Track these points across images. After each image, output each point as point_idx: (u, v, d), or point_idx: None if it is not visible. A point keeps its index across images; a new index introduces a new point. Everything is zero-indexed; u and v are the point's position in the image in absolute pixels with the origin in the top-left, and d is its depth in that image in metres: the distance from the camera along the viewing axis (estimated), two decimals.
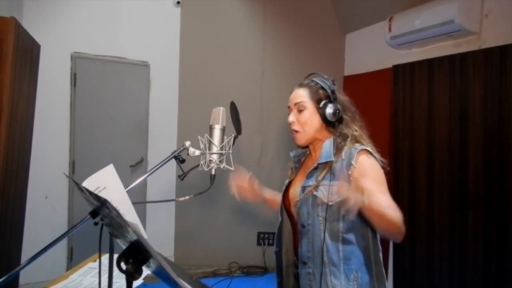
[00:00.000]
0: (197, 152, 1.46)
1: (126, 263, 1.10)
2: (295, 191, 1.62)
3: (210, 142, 1.47)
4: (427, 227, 3.40)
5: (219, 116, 1.50)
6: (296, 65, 4.66)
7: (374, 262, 1.50)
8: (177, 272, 1.15)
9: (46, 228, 3.59)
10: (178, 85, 4.30)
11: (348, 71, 4.77)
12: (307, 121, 1.55)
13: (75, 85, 3.80)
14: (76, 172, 3.78)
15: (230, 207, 4.43)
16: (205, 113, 1.54)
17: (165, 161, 1.44)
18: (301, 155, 1.73)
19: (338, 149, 1.50)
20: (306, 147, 1.67)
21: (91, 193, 1.10)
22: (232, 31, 4.47)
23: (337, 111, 1.52)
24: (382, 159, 1.51)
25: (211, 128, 1.50)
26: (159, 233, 4.13)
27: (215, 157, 1.47)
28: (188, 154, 1.47)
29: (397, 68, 3.77)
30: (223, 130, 1.51)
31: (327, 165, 1.49)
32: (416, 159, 3.52)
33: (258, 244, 4.48)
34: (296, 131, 1.58)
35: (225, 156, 1.49)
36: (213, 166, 1.47)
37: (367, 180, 1.35)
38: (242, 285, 3.96)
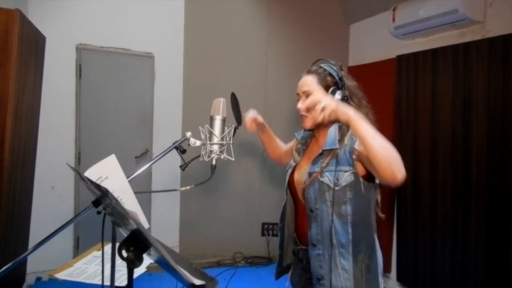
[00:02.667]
0: (198, 143, 1.48)
1: (127, 251, 1.14)
2: (301, 174, 1.65)
3: (210, 133, 1.49)
4: (430, 218, 3.41)
5: (220, 107, 1.52)
6: (300, 56, 4.64)
7: (377, 239, 1.59)
8: (176, 259, 1.18)
9: (52, 218, 3.64)
10: (182, 77, 4.32)
11: (352, 62, 4.75)
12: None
13: (80, 77, 3.83)
14: (82, 163, 3.82)
15: (234, 198, 4.47)
16: (210, 104, 1.56)
17: (166, 151, 1.46)
18: (307, 137, 1.76)
19: (342, 135, 1.53)
20: (312, 130, 1.70)
21: (92, 182, 1.13)
22: (236, 22, 4.46)
23: (345, 97, 1.54)
24: None
25: (211, 119, 1.52)
26: (164, 223, 4.18)
27: (215, 147, 1.49)
28: (189, 145, 1.49)
29: (401, 58, 3.76)
30: (223, 121, 1.53)
31: (332, 152, 1.52)
32: (419, 149, 3.52)
33: (263, 234, 4.52)
34: (305, 115, 1.60)
35: (225, 147, 1.51)
36: (213, 157, 1.48)
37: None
38: (246, 275, 4.00)
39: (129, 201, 1.37)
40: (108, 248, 1.60)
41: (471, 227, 3.08)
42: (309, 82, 1.59)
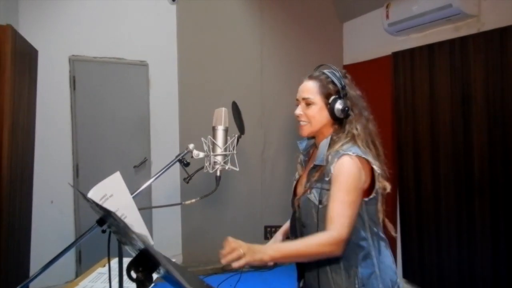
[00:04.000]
0: (201, 155, 1.46)
1: (136, 271, 1.11)
2: (301, 187, 1.62)
3: (213, 144, 1.46)
4: (434, 214, 3.40)
5: (222, 117, 1.49)
6: (295, 56, 4.64)
7: (377, 254, 1.51)
8: (186, 277, 1.15)
9: (53, 233, 3.60)
10: (177, 83, 4.29)
11: (347, 60, 4.74)
12: (315, 115, 1.52)
13: (74, 88, 3.79)
14: (80, 175, 3.78)
15: (235, 202, 4.44)
16: (206, 110, 1.54)
17: (169, 165, 1.43)
18: (309, 147, 1.70)
19: (329, 150, 1.50)
20: (312, 137, 1.65)
21: (97, 204, 1.10)
22: (228, 26, 4.44)
23: (346, 108, 1.49)
24: (376, 165, 1.46)
25: (214, 130, 1.49)
26: (166, 233, 4.15)
27: (219, 158, 1.46)
28: (192, 157, 1.46)
29: (396, 55, 3.74)
30: (226, 131, 1.50)
31: (320, 168, 1.49)
32: (420, 146, 3.50)
33: (266, 238, 4.49)
34: (303, 122, 1.55)
35: (229, 157, 1.48)
36: (218, 168, 1.46)
37: (332, 187, 1.40)
38: (252, 280, 3.96)
39: (133, 218, 1.34)
40: (113, 263, 1.57)
41: (475, 222, 3.06)
42: (311, 89, 1.53)
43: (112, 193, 1.33)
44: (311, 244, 1.34)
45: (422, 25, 3.46)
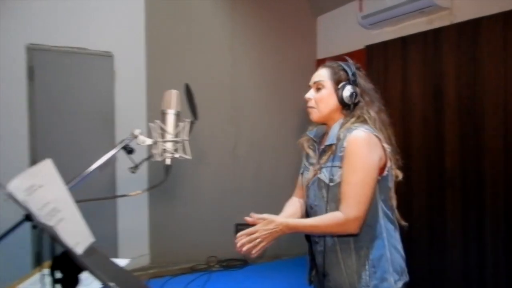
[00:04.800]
0: (149, 141, 1.31)
1: (61, 272, 0.96)
2: (311, 173, 1.64)
3: (162, 130, 1.31)
4: (406, 209, 3.30)
5: (172, 100, 1.35)
6: (268, 51, 4.53)
7: (387, 234, 1.53)
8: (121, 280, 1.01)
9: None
10: (145, 76, 4.10)
11: (320, 54, 4.65)
12: (323, 99, 1.55)
13: (32, 79, 3.56)
14: None
15: (205, 200, 4.28)
16: None
17: (113, 153, 1.27)
18: (320, 134, 1.68)
19: (340, 129, 1.52)
20: (322, 124, 1.66)
21: (14, 198, 0.94)
22: (199, 17, 4.28)
23: (354, 93, 1.52)
24: (386, 145, 1.50)
25: (163, 114, 1.34)
26: (132, 231, 3.95)
27: (169, 145, 1.31)
28: (138, 144, 1.31)
29: (370, 48, 3.67)
30: (177, 116, 1.36)
31: (331, 147, 1.51)
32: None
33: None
34: (312, 107, 1.58)
35: (181, 144, 1.34)
36: (167, 156, 1.31)
37: (345, 164, 1.43)
38: (222, 279, 3.82)
39: (68, 212, 1.18)
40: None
41: (446, 214, 3.03)
42: (322, 74, 1.58)
43: (42, 183, 1.16)
44: (322, 224, 1.41)
45: (396, 18, 3.40)
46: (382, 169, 1.48)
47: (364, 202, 1.40)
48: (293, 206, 1.72)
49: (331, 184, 1.47)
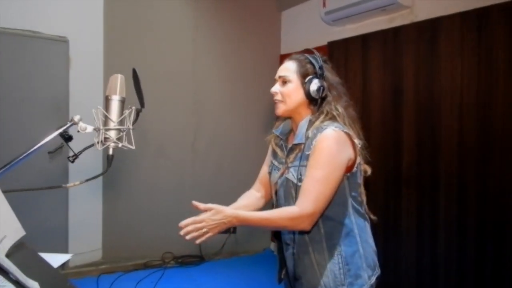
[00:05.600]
0: (89, 128, 1.23)
1: None
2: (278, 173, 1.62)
3: (105, 117, 1.23)
4: None
5: (117, 85, 1.27)
6: (231, 45, 4.46)
7: (359, 230, 1.51)
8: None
9: None
10: (102, 63, 3.93)
11: (284, 50, 4.63)
12: (290, 94, 1.52)
13: None
14: None
15: (163, 194, 4.17)
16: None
17: (47, 139, 1.19)
18: (287, 132, 1.66)
19: (308, 128, 1.50)
20: (286, 119, 1.64)
21: None
22: (161, 6, 4.14)
23: (321, 87, 1.48)
24: (357, 140, 1.48)
25: (107, 100, 1.26)
26: (84, 223, 3.80)
27: (112, 134, 1.24)
28: (78, 131, 1.23)
29: (332, 44, 3.68)
30: (122, 102, 1.28)
31: (299, 146, 1.49)
32: None
33: None
34: (278, 100, 1.55)
35: (124, 133, 1.26)
36: (109, 145, 1.23)
37: (309, 161, 1.42)
38: (176, 276, 3.73)
39: None
40: None
41: (401, 213, 3.07)
42: (288, 68, 1.55)
43: None
44: (275, 217, 1.38)
45: (358, 15, 3.41)
46: (351, 166, 1.46)
47: (322, 200, 1.37)
48: (247, 198, 1.70)
49: (299, 183, 1.44)
